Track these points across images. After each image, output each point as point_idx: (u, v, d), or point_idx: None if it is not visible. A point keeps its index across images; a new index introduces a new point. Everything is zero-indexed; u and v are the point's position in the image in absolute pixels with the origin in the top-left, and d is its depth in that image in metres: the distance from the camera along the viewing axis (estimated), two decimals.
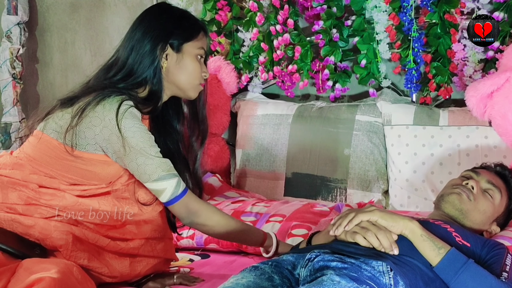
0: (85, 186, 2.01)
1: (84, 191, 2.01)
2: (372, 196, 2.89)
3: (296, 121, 3.10)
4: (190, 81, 2.10)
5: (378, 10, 2.92)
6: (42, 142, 2.01)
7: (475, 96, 2.53)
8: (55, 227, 1.96)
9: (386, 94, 2.98)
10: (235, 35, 3.31)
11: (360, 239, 1.82)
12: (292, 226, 2.49)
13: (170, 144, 2.17)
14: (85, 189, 2.01)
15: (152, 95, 2.08)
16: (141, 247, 2.07)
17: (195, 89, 2.13)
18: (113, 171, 2.02)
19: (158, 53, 2.06)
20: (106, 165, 2.01)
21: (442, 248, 1.80)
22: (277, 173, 3.10)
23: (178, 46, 2.08)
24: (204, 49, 2.13)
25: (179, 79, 2.10)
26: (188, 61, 2.09)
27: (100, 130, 1.95)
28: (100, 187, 2.02)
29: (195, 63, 2.10)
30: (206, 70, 2.14)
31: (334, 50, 3.02)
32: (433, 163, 2.76)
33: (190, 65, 2.09)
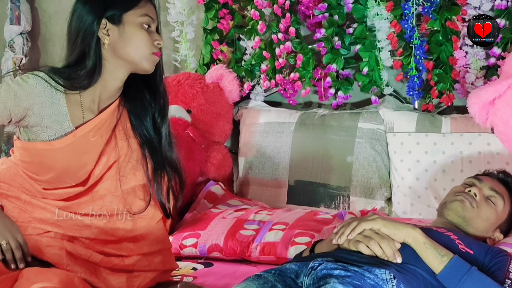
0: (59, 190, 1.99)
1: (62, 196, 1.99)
2: (375, 203, 2.89)
3: (298, 129, 3.10)
4: (138, 52, 1.97)
5: (380, 18, 2.93)
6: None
7: (477, 103, 2.53)
8: (47, 243, 1.95)
9: (388, 102, 2.98)
10: (237, 43, 3.31)
11: (363, 248, 1.82)
12: (295, 234, 2.48)
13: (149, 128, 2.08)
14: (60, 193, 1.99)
15: (89, 72, 1.96)
16: (137, 263, 2.04)
17: (147, 60, 1.98)
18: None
19: (96, 29, 1.95)
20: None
21: (445, 255, 1.80)
22: (280, 181, 3.09)
23: (117, 18, 1.95)
24: (149, 16, 1.98)
25: (126, 52, 1.97)
26: (131, 31, 1.96)
27: None
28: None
29: (140, 32, 1.96)
30: (158, 38, 1.99)
31: (336, 58, 3.02)
32: (436, 170, 2.75)
33: (133, 34, 1.96)
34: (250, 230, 2.57)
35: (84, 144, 1.98)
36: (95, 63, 1.96)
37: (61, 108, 1.97)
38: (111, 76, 2.00)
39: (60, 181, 2.00)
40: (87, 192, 2.02)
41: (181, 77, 3.23)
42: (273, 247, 2.48)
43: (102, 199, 2.03)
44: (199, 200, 2.97)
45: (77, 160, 1.98)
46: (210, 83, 3.22)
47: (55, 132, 1.97)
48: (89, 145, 1.99)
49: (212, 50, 3.34)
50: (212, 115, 3.20)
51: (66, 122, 1.97)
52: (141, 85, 2.08)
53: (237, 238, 2.54)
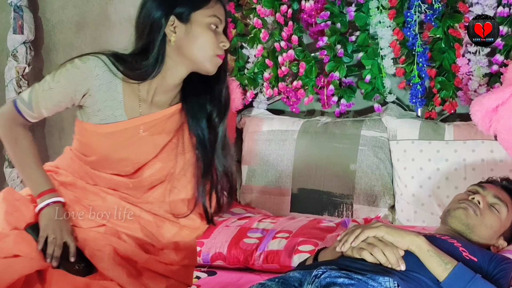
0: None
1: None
2: (378, 211, 2.89)
3: (301, 136, 3.10)
4: (202, 52, 1.92)
5: (382, 26, 2.93)
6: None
7: (480, 110, 2.53)
8: (93, 237, 1.96)
9: (391, 109, 2.98)
10: (240, 51, 3.32)
11: (367, 255, 1.81)
12: (299, 242, 2.48)
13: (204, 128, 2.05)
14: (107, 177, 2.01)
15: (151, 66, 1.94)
16: (177, 272, 2.05)
17: (210, 61, 1.94)
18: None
19: (163, 25, 1.91)
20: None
21: (449, 263, 1.79)
22: (283, 189, 3.09)
23: (186, 16, 1.91)
24: (218, 17, 1.93)
25: (190, 51, 1.93)
26: (198, 31, 1.91)
27: None
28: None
29: (207, 32, 1.92)
30: (224, 40, 1.94)
31: (339, 66, 3.03)
32: (439, 178, 2.75)
33: (200, 35, 1.91)
34: (253, 238, 2.57)
35: (132, 136, 1.98)
36: (157, 58, 1.93)
37: (117, 95, 1.97)
38: (170, 72, 1.97)
39: (102, 166, 2.01)
40: (137, 195, 2.03)
41: None
42: (277, 255, 2.47)
43: (151, 204, 2.04)
44: None
45: (121, 150, 1.98)
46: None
47: (106, 117, 1.97)
48: (138, 139, 1.98)
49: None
50: None
51: (120, 109, 1.97)
52: (201, 85, 2.05)
53: (240, 246, 2.54)
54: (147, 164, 2.00)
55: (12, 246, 1.86)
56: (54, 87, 1.95)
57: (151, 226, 2.02)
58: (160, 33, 1.92)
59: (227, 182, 2.09)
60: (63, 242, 1.90)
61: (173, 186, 2.03)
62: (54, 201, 1.95)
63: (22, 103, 1.98)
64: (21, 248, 1.86)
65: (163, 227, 2.04)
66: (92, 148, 2.00)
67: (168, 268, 2.03)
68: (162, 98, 2.01)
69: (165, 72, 1.96)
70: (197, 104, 2.04)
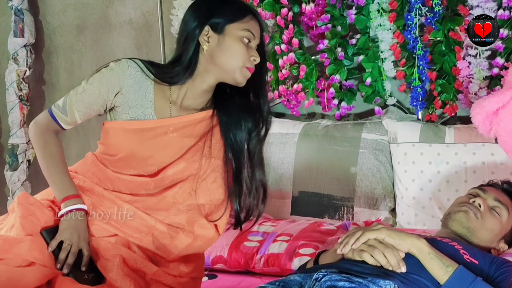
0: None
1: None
2: (379, 214, 2.89)
3: (302, 139, 3.10)
4: (232, 62, 2.00)
5: (383, 29, 2.93)
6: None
7: (480, 113, 2.53)
8: (104, 247, 1.96)
9: (391, 112, 2.98)
10: None
11: (368, 257, 1.81)
12: (300, 246, 2.48)
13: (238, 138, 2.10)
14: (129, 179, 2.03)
15: (183, 71, 2.03)
16: (186, 284, 2.06)
17: (240, 72, 2.01)
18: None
19: (198, 34, 2.01)
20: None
21: (450, 266, 1.79)
22: (284, 192, 3.09)
23: (220, 27, 2.01)
24: (252, 32, 2.02)
25: (221, 60, 2.01)
26: (230, 42, 2.00)
27: None
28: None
29: (238, 45, 2.00)
30: (255, 54, 2.02)
31: (339, 69, 3.03)
32: (440, 181, 2.75)
33: (232, 46, 2.00)
34: (254, 241, 2.57)
35: (160, 136, 2.03)
36: (189, 64, 2.03)
37: (148, 95, 2.05)
38: (201, 79, 2.05)
39: (127, 165, 2.04)
40: (156, 194, 2.04)
41: None
42: (277, 258, 2.47)
43: (167, 210, 2.04)
44: None
45: (148, 148, 2.02)
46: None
47: (136, 115, 2.03)
48: (166, 139, 2.03)
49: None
50: None
51: (150, 109, 2.04)
52: (238, 97, 2.12)
53: (241, 249, 2.54)
54: (172, 164, 2.03)
55: (27, 252, 1.85)
56: (88, 89, 2.04)
57: (164, 237, 2.02)
58: (195, 41, 2.01)
59: (262, 194, 2.14)
60: (78, 249, 1.90)
61: (192, 190, 2.05)
62: (77, 208, 1.96)
63: (56, 109, 2.07)
64: (35, 254, 1.86)
65: (177, 238, 2.04)
66: (120, 146, 2.04)
67: (177, 280, 2.03)
68: (191, 103, 2.07)
69: (195, 78, 2.05)
70: (231, 113, 2.10)
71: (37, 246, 1.88)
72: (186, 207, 2.04)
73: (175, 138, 2.03)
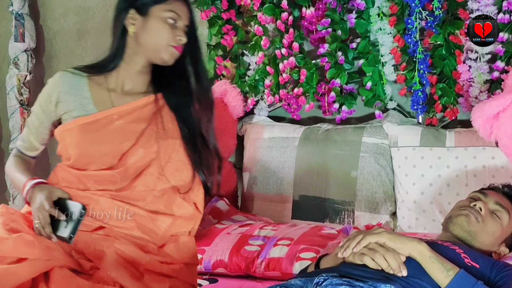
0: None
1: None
2: (380, 218, 2.88)
3: (302, 143, 3.10)
4: (156, 42, 2.10)
5: (383, 33, 2.94)
6: None
7: (481, 117, 2.53)
8: (95, 240, 2.01)
9: (392, 116, 2.98)
10: (241, 59, 3.33)
11: (368, 261, 1.81)
12: (300, 250, 2.48)
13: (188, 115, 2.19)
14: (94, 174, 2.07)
15: (112, 55, 2.15)
16: (180, 271, 2.09)
17: (165, 51, 2.11)
18: None
19: (123, 17, 2.12)
20: None
21: (451, 270, 1.79)
22: (284, 196, 3.09)
23: (145, 9, 2.10)
24: (176, 12, 2.11)
25: (146, 41, 2.11)
26: (154, 23, 2.10)
27: None
28: None
29: (162, 25, 2.10)
30: (180, 34, 2.11)
31: (340, 73, 3.03)
32: (441, 185, 2.75)
33: (156, 27, 2.10)
34: (255, 245, 2.56)
35: (106, 126, 2.09)
36: (118, 47, 2.15)
37: (85, 93, 2.14)
38: (132, 61, 2.15)
39: (87, 164, 2.08)
40: (126, 187, 2.09)
41: None
42: (278, 262, 2.47)
43: (144, 200, 2.10)
44: (203, 215, 2.96)
45: (99, 142, 2.08)
46: (214, 98, 3.22)
47: (79, 114, 2.11)
48: (113, 128, 2.09)
49: (215, 66, 3.36)
50: (216, 131, 3.19)
51: (89, 105, 2.12)
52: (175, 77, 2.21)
53: (242, 253, 2.54)
54: (129, 152, 2.08)
55: (13, 248, 1.89)
56: (34, 110, 2.20)
57: (145, 220, 2.08)
58: (120, 24, 2.13)
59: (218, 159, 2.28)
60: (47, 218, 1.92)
61: (160, 174, 2.11)
62: (34, 183, 2.03)
63: (20, 140, 2.23)
64: (22, 249, 1.89)
65: (158, 219, 2.10)
66: (72, 146, 2.10)
67: (171, 268, 2.07)
68: (132, 87, 2.16)
69: (127, 61, 2.15)
70: (176, 93, 2.20)
71: (23, 241, 1.91)
72: (160, 192, 2.11)
73: (122, 125, 2.10)
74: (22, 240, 1.92)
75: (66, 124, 2.11)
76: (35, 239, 1.92)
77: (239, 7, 3.30)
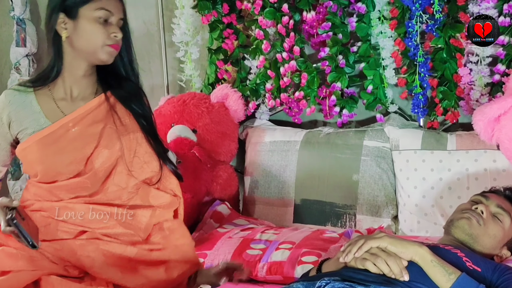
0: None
1: None
2: (381, 221, 2.88)
3: (304, 147, 3.10)
4: (92, 44, 2.02)
5: (384, 36, 2.94)
6: None
7: (482, 120, 2.53)
8: (80, 246, 1.99)
9: (393, 119, 2.98)
10: (242, 63, 3.33)
11: (370, 266, 1.81)
12: (302, 253, 2.48)
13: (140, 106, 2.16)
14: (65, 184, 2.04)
15: (51, 64, 2.09)
16: (172, 253, 2.10)
17: (102, 51, 2.03)
18: None
19: (54, 23, 2.03)
20: None
21: (453, 273, 1.79)
22: (286, 199, 3.09)
23: (73, 11, 2.00)
24: (106, 9, 2.01)
25: (80, 45, 2.02)
26: (85, 25, 2.00)
27: None
28: None
29: (94, 26, 2.00)
30: (115, 31, 2.02)
31: (341, 76, 3.03)
32: (442, 188, 2.75)
33: (87, 29, 2.00)
34: (256, 249, 2.56)
35: (64, 135, 2.04)
36: (56, 55, 2.06)
37: (34, 107, 2.07)
38: (73, 66, 2.07)
39: (54, 176, 2.05)
40: (99, 191, 2.07)
41: (187, 97, 3.25)
42: (280, 266, 2.47)
43: (120, 199, 2.08)
44: (205, 219, 2.97)
45: (60, 153, 2.03)
46: (215, 102, 3.23)
47: (34, 130, 2.06)
48: (71, 136, 2.05)
49: (217, 70, 3.36)
50: (218, 135, 3.20)
51: (42, 118, 2.07)
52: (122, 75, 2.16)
53: (243, 257, 2.54)
54: (93, 155, 2.05)
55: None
56: None
57: (125, 217, 2.07)
58: (53, 31, 2.04)
59: None
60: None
61: (129, 170, 2.08)
62: None
63: None
64: (5, 263, 1.89)
65: (137, 214, 2.09)
66: (36, 164, 2.05)
67: (162, 253, 2.08)
68: (80, 92, 2.11)
69: (68, 67, 2.07)
70: (124, 88, 2.15)
71: (6, 254, 1.91)
72: (134, 188, 2.09)
73: (79, 130, 2.06)
74: (4, 253, 1.92)
75: (23, 143, 2.07)
76: (18, 251, 1.92)
77: (240, 11, 3.30)
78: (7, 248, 1.94)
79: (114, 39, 2.03)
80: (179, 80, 3.49)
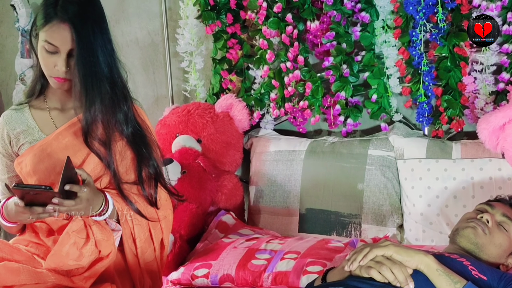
0: None
1: None
2: (386, 230, 2.88)
3: (308, 156, 3.10)
4: (44, 70, 2.06)
5: (388, 45, 2.94)
6: None
7: (487, 128, 2.53)
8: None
9: (398, 128, 2.98)
10: (246, 72, 3.33)
11: (375, 274, 1.81)
12: (307, 263, 2.47)
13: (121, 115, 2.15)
14: None
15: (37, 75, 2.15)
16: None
17: (51, 80, 2.06)
18: None
19: (29, 38, 2.10)
20: None
21: (458, 282, 1.78)
22: (291, 209, 3.09)
23: (36, 34, 2.04)
24: (49, 42, 1.97)
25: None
26: (38, 51, 2.03)
27: None
28: None
29: (41, 55, 2.02)
30: (59, 64, 1.99)
31: (345, 86, 3.03)
32: (447, 197, 2.74)
33: (39, 55, 2.04)
34: (261, 259, 2.56)
35: (57, 147, 2.10)
36: (38, 67, 2.11)
37: (30, 123, 2.17)
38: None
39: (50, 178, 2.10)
40: None
41: (191, 107, 3.25)
42: (285, 276, 2.46)
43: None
44: (210, 229, 2.97)
45: (53, 164, 2.09)
46: (220, 112, 3.23)
47: (30, 145, 2.13)
48: (63, 146, 2.10)
49: (221, 80, 3.36)
50: (222, 144, 3.21)
51: (37, 132, 2.15)
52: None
53: (248, 267, 2.53)
54: (86, 162, 2.10)
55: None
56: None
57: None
58: (32, 47, 2.08)
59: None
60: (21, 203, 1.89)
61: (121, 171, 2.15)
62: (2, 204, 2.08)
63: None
64: (8, 278, 1.91)
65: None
66: (31, 176, 2.11)
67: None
68: (69, 103, 2.15)
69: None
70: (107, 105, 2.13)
71: (8, 269, 1.93)
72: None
73: (70, 140, 2.10)
74: (6, 269, 1.93)
75: (19, 157, 2.13)
76: (20, 266, 1.94)
77: (244, 21, 3.31)
78: (9, 263, 1.95)
79: (56, 72, 2.02)
80: (184, 90, 3.50)
